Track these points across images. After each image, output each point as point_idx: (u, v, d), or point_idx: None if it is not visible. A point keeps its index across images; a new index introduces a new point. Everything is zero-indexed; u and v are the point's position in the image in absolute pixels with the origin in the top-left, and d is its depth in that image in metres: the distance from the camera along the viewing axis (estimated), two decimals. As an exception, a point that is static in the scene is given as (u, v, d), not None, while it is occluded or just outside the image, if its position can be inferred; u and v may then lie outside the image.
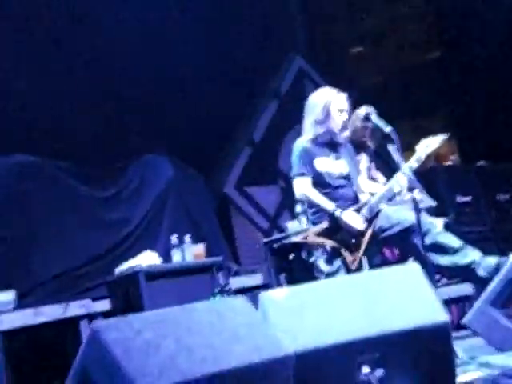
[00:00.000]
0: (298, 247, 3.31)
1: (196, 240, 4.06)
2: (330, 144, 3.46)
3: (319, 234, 3.25)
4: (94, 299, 3.65)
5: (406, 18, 6.95)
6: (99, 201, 4.31)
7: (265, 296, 2.32)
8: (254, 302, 2.30)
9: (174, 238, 3.83)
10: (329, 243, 3.23)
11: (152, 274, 3.43)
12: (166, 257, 3.82)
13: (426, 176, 5.12)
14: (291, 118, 5.40)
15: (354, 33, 6.93)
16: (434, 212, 4.40)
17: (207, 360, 1.99)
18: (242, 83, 5.32)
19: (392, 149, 3.12)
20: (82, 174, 4.31)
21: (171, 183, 4.69)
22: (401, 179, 3.18)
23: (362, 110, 4.51)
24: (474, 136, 6.34)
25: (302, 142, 3.45)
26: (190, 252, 3.80)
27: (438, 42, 6.79)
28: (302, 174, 3.38)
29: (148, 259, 3.63)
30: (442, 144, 3.47)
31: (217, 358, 2.01)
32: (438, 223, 4.08)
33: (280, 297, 2.33)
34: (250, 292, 3.86)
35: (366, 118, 3.23)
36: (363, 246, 3.23)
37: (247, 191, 5.27)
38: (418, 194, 4.24)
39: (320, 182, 3.38)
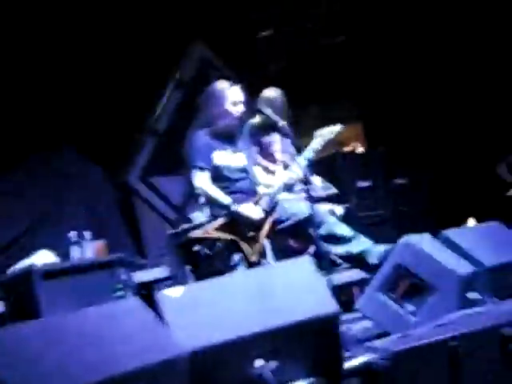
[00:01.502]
0: (198, 241, 3.32)
1: (97, 236, 3.98)
2: (227, 137, 3.49)
3: (218, 228, 3.28)
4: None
5: (312, 2, 7.06)
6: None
7: (160, 294, 2.33)
8: (150, 300, 2.30)
9: (72, 235, 3.74)
10: (228, 237, 3.26)
11: (48, 274, 3.31)
12: (65, 255, 3.72)
13: (327, 162, 5.30)
14: (196, 107, 5.38)
15: (260, 17, 6.96)
16: (335, 198, 4.55)
17: (98, 366, 1.97)
18: (145, 72, 5.22)
19: (287, 142, 3.18)
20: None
21: (70, 177, 4.56)
22: (296, 170, 3.25)
23: (270, 92, 4.58)
24: (378, 121, 6.56)
25: (199, 135, 3.46)
26: (91, 248, 3.72)
27: (343, 27, 6.94)
28: (200, 168, 3.39)
29: (44, 258, 3.51)
30: (341, 132, 3.57)
31: (108, 362, 1.99)
32: (338, 210, 4.23)
33: (176, 294, 2.34)
34: (154, 286, 3.84)
35: (258, 112, 3.27)
36: (262, 238, 3.30)
37: (152, 182, 5.22)
38: (319, 182, 4.39)
39: (219, 175, 3.41)
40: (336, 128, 3.47)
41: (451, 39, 6.10)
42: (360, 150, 5.98)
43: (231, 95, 3.43)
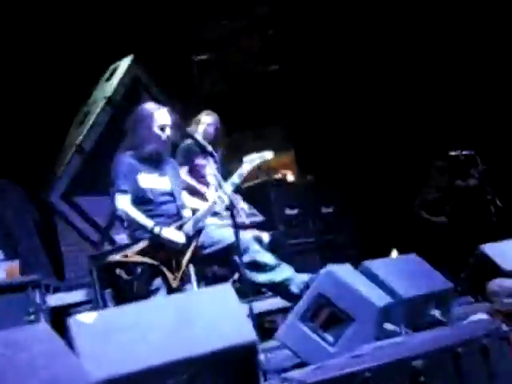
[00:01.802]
0: (119, 265, 3.22)
1: (11, 256, 3.80)
2: (153, 160, 3.44)
3: (139, 253, 3.20)
4: None
5: (248, 30, 7.16)
6: None
7: (72, 320, 2.22)
8: (60, 326, 2.19)
9: (-16, 255, 3.54)
10: (148, 261, 3.18)
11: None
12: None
13: (257, 189, 5.32)
14: (124, 128, 5.28)
15: (198, 40, 6.98)
16: (262, 225, 4.56)
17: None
18: (73, 87, 5.09)
19: (214, 166, 3.16)
20: None
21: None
22: (223, 195, 3.22)
23: (206, 118, 4.56)
24: (309, 150, 6.67)
25: (125, 157, 3.39)
26: (3, 269, 3.54)
27: (276, 55, 7.06)
28: (123, 191, 3.31)
29: (-49, 279, 3.31)
30: (270, 160, 3.58)
31: (8, 394, 1.87)
32: (265, 236, 4.23)
33: (88, 320, 2.24)
34: (69, 310, 3.69)
35: (191, 137, 3.24)
36: (184, 263, 3.24)
37: (76, 201, 5.05)
38: (246, 209, 4.38)
39: (143, 198, 3.35)
40: (266, 155, 3.48)
41: (378, 76, 6.33)
42: (290, 178, 6.05)
43: (159, 118, 3.39)
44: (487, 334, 2.17)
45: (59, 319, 3.38)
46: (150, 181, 3.39)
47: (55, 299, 3.76)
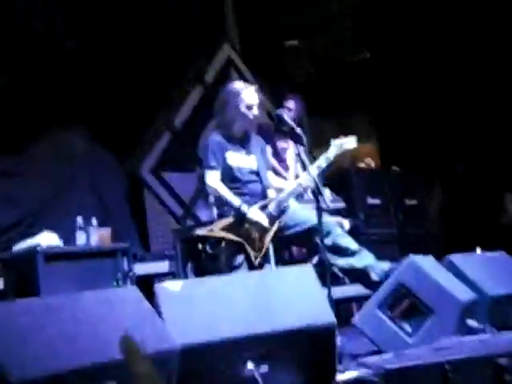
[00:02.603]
0: (203, 239, 3.32)
1: (104, 223, 3.99)
2: (241, 139, 3.49)
3: (224, 228, 3.28)
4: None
5: (340, 17, 7.08)
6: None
7: (159, 287, 2.33)
8: (147, 292, 2.30)
9: (79, 220, 3.74)
10: (233, 237, 3.26)
11: (51, 256, 3.33)
12: (70, 239, 3.73)
13: (340, 176, 5.29)
14: (213, 107, 5.39)
15: (290, 26, 6.98)
16: (343, 212, 4.54)
17: (89, 351, 1.97)
18: (167, 66, 5.24)
19: (301, 149, 3.17)
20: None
21: (83, 161, 4.56)
22: (307, 178, 3.23)
23: (289, 103, 4.58)
24: (394, 141, 6.54)
25: (214, 136, 3.47)
26: (96, 235, 3.73)
27: (368, 43, 6.95)
28: (212, 167, 3.40)
29: (47, 240, 3.52)
30: (355, 147, 3.54)
31: (99, 348, 1.99)
32: (346, 223, 4.21)
33: (175, 289, 2.34)
34: (155, 279, 3.85)
35: (279, 118, 3.26)
36: (266, 243, 3.29)
37: (163, 176, 5.22)
38: (329, 194, 4.38)
39: (230, 176, 3.42)
40: (351, 140, 3.44)
41: (472, 61, 6.09)
42: (373, 166, 5.97)
43: (246, 97, 3.42)
44: None
45: (143, 287, 3.52)
46: (238, 159, 3.45)
47: (140, 268, 3.92)
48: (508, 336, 2.36)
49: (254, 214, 3.28)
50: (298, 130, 3.18)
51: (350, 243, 3.34)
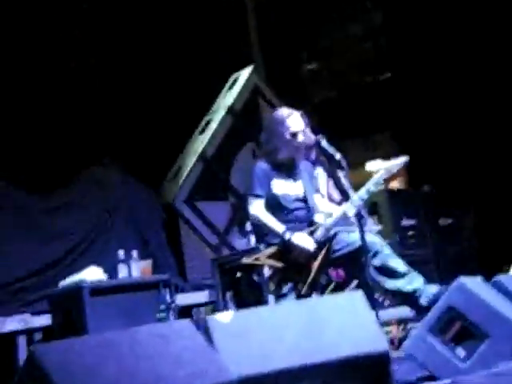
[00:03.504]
0: (248, 268, 3.33)
1: (143, 255, 4.03)
2: (287, 166, 3.49)
3: (271, 256, 3.28)
4: (34, 314, 3.55)
5: (359, 38, 7.13)
6: (43, 211, 4.22)
7: (210, 319, 2.33)
8: (200, 324, 2.31)
9: (120, 253, 3.79)
10: (279, 265, 3.25)
11: (96, 290, 3.37)
12: (113, 272, 3.77)
13: (371, 198, 5.27)
14: (244, 134, 5.46)
15: (309, 50, 7.05)
16: (380, 234, 4.51)
17: (150, 385, 1.98)
18: (195, 97, 5.33)
19: (342, 175, 3.17)
20: (26, 182, 4.20)
21: (120, 196, 4.65)
22: (355, 203, 3.20)
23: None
24: (421, 159, 6.51)
25: (260, 164, 3.48)
26: (137, 268, 3.76)
27: (388, 63, 6.98)
28: (257, 196, 3.40)
29: (93, 274, 3.57)
30: (401, 167, 3.48)
31: (160, 383, 2.00)
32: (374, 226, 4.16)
33: (225, 320, 2.34)
34: (196, 309, 3.85)
35: (317, 144, 3.26)
36: (314, 270, 3.26)
37: (197, 206, 5.26)
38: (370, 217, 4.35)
39: (276, 204, 3.41)
40: (401, 160, 3.38)
41: (494, 76, 6.07)
42: (404, 186, 5.94)
43: (291, 125, 3.42)
44: None
45: (185, 318, 3.53)
46: (283, 187, 3.45)
47: (181, 299, 3.93)
48: None
49: (299, 239, 3.27)
50: (338, 156, 3.18)
51: (399, 264, 3.29)
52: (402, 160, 3.34)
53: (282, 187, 3.45)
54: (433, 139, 6.44)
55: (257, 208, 3.38)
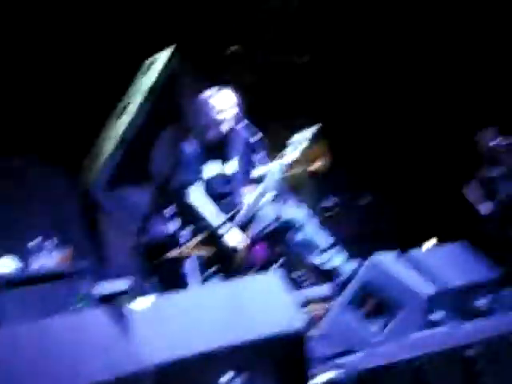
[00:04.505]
0: (173, 259, 3.30)
1: (61, 244, 3.91)
2: (216, 147, 3.44)
3: (196, 246, 3.26)
4: None
5: (279, 21, 7.15)
6: None
7: (127, 306, 2.29)
8: (116, 312, 2.27)
9: (36, 243, 3.65)
10: (205, 254, 3.24)
11: (8, 282, 3.24)
12: (28, 262, 3.63)
13: (292, 180, 5.33)
14: (164, 118, 5.36)
15: (227, 32, 7.00)
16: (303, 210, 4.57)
17: (60, 378, 1.93)
18: (113, 79, 5.18)
19: (260, 156, 3.18)
20: None
21: (37, 184, 4.48)
22: (270, 182, 3.23)
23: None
24: (343, 140, 6.63)
25: (187, 148, 3.42)
26: (55, 256, 3.65)
27: (309, 46, 7.04)
28: (191, 182, 3.35)
29: (6, 266, 3.43)
30: (313, 141, 3.52)
31: (71, 375, 1.95)
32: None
33: (143, 307, 2.31)
34: (116, 298, 3.78)
35: (235, 123, 3.25)
36: (240, 257, 3.27)
37: (117, 192, 5.15)
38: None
39: (206, 188, 3.38)
40: (310, 131, 3.42)
41: (412, 59, 6.26)
42: (324, 167, 6.04)
43: (216, 103, 3.38)
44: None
45: (105, 307, 3.47)
46: (213, 170, 3.41)
47: (100, 287, 3.85)
48: (472, 326, 2.44)
49: (230, 238, 3.27)
50: (256, 137, 3.19)
51: (321, 240, 3.35)
52: (312, 130, 3.37)
53: (211, 171, 3.40)
54: (355, 121, 6.58)
55: (194, 196, 3.32)
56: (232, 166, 3.46)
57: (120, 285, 4.00)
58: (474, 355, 1.98)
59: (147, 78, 5.43)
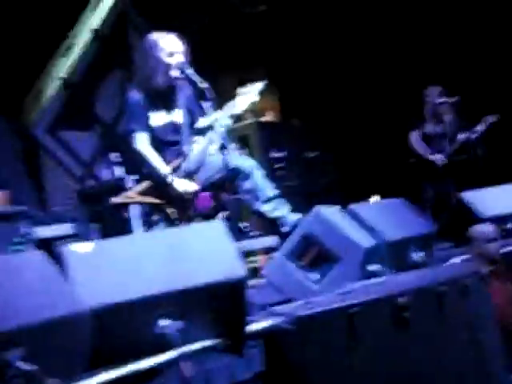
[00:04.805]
0: (118, 206, 3.24)
1: (-1, 186, 3.78)
2: (163, 93, 3.34)
3: (143, 193, 3.21)
4: None
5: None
6: None
7: (66, 249, 2.25)
8: (54, 255, 2.22)
9: (-29, 184, 3.52)
10: (152, 201, 3.20)
11: None
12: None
13: (242, 130, 5.31)
14: (110, 61, 5.19)
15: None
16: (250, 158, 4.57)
17: (-6, 319, 1.89)
18: (57, 16, 4.94)
19: (206, 105, 3.13)
20: None
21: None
22: (218, 131, 3.20)
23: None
24: (294, 94, 6.62)
25: (134, 94, 3.31)
26: (-9, 199, 3.53)
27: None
28: (136, 130, 3.27)
29: None
30: (259, 96, 3.49)
31: (4, 315, 1.91)
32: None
33: (83, 250, 2.28)
34: (56, 242, 3.72)
35: (181, 70, 3.18)
36: (190, 207, 3.25)
37: (60, 135, 5.00)
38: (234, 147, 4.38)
39: (153, 137, 3.30)
40: (258, 86, 3.38)
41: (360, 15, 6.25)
42: (275, 119, 6.04)
43: (166, 45, 3.27)
44: (468, 274, 2.27)
45: (45, 251, 3.41)
46: (160, 118, 3.34)
47: (41, 231, 3.77)
48: (406, 277, 2.52)
49: (179, 184, 3.23)
50: (204, 85, 3.13)
51: (267, 188, 3.37)
52: (259, 84, 3.34)
53: (158, 119, 3.33)
54: (306, 75, 6.56)
55: (141, 144, 3.25)
56: (179, 114, 3.38)
57: (61, 229, 3.93)
58: (405, 303, 2.06)
59: (95, 16, 5.21)
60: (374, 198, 5.34)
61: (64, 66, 5.03)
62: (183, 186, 3.24)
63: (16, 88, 4.68)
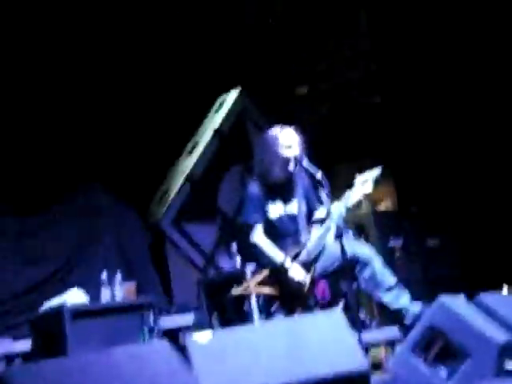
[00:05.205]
0: (238, 298, 3.33)
1: (127, 277, 4.00)
2: (281, 186, 3.45)
3: (261, 283, 3.27)
4: (16, 338, 3.51)
5: (350, 62, 7.18)
6: (26, 234, 4.20)
7: (189, 339, 2.32)
8: (178, 345, 2.29)
9: (103, 275, 3.75)
10: (269, 292, 3.25)
11: (78, 313, 3.34)
12: (96, 295, 3.73)
13: (360, 219, 5.28)
14: (231, 156, 5.48)
15: (299, 73, 7.09)
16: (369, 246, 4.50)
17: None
18: (181, 118, 5.35)
19: (323, 194, 3.18)
20: (8, 205, 4.19)
21: (106, 218, 4.64)
22: (335, 220, 3.21)
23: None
24: (410, 180, 6.53)
25: (253, 187, 3.45)
26: (121, 289, 3.73)
27: (379, 87, 7.02)
28: (254, 222, 3.39)
29: (75, 297, 3.53)
30: (375, 184, 3.48)
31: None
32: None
33: (204, 340, 2.33)
34: (181, 332, 3.82)
35: (298, 163, 3.28)
36: (304, 296, 3.26)
37: (184, 227, 5.25)
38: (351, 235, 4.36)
39: (270, 228, 3.41)
40: (374, 172, 3.39)
41: (481, 101, 6.13)
42: (392, 208, 5.95)
43: (284, 140, 3.40)
44: None
45: (170, 340, 3.51)
46: (278, 210, 3.43)
47: (166, 321, 3.90)
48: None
49: (295, 272, 3.28)
50: (319, 174, 3.19)
51: (388, 277, 3.30)
52: (375, 171, 3.35)
53: (276, 211, 3.43)
54: (421, 162, 6.47)
55: (257, 235, 3.37)
56: (296, 205, 3.46)
57: (184, 319, 4.04)
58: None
59: (217, 117, 5.57)
60: (505, 289, 5.00)
61: (188, 163, 5.38)
62: (300, 274, 3.25)
63: (147, 182, 5.05)
